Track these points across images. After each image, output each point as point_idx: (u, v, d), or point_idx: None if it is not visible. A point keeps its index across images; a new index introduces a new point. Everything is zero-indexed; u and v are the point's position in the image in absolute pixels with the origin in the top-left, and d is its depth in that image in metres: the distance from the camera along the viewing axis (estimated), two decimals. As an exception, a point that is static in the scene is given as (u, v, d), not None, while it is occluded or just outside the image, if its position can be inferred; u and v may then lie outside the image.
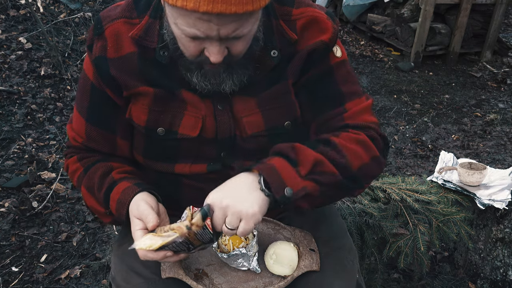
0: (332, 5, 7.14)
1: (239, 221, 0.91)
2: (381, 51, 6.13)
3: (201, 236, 0.91)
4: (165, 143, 1.09)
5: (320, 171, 0.97)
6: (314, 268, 1.07)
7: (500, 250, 1.94)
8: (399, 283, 2.12)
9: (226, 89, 1.00)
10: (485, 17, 5.87)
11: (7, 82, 3.96)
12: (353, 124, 1.06)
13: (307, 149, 0.98)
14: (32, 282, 2.21)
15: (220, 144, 1.10)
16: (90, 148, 1.15)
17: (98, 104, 1.11)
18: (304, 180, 0.95)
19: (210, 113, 1.07)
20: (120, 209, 1.04)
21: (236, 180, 0.96)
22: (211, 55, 0.90)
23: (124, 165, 1.15)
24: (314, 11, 1.06)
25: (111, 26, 1.03)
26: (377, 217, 1.79)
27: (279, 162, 0.95)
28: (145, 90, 1.04)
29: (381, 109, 4.51)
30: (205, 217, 0.89)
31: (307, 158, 0.96)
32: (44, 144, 3.41)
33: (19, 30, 4.51)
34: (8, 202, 2.69)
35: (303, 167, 0.95)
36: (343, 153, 0.99)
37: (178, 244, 0.90)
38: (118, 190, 1.05)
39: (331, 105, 1.08)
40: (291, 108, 1.09)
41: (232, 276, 1.06)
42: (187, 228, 0.88)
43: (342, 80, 1.09)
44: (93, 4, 5.14)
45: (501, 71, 5.52)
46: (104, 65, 1.04)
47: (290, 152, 0.97)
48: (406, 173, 3.38)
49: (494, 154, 3.71)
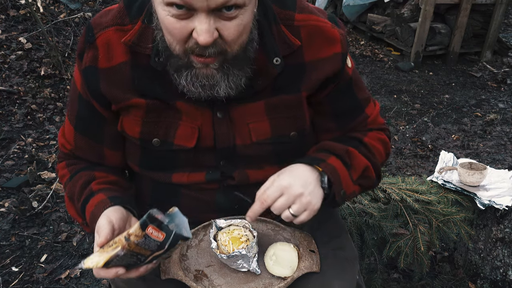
0: (332, 5, 7.14)
1: (303, 210, 0.95)
2: (381, 51, 6.13)
3: (145, 245, 0.85)
4: (161, 154, 1.07)
5: (366, 175, 1.08)
6: (314, 269, 1.07)
7: (500, 250, 1.94)
8: (399, 283, 2.12)
9: (221, 93, 0.92)
10: (485, 17, 5.86)
11: (7, 82, 3.96)
12: (375, 127, 1.17)
13: (359, 155, 1.06)
14: (32, 282, 2.21)
15: (219, 153, 1.08)
16: (77, 156, 1.14)
17: (84, 114, 1.08)
18: (354, 185, 1.05)
19: (208, 122, 1.03)
20: (92, 223, 1.00)
21: (303, 171, 0.99)
22: (200, 34, 0.80)
23: (108, 175, 1.11)
24: (318, 19, 1.02)
25: (103, 34, 0.98)
26: (377, 217, 1.78)
27: (338, 164, 1.02)
28: (137, 102, 1.00)
29: (381, 109, 4.51)
30: (145, 226, 0.82)
31: (359, 165, 1.05)
32: (44, 144, 3.41)
33: (19, 30, 4.50)
34: (8, 202, 2.69)
35: (355, 172, 1.05)
36: (374, 154, 1.10)
37: (122, 257, 0.85)
38: (93, 202, 1.02)
39: (354, 115, 1.14)
40: (300, 120, 1.07)
41: (232, 277, 1.06)
42: (126, 239, 0.83)
43: (358, 89, 1.13)
44: (93, 4, 5.13)
45: (501, 71, 5.52)
46: (93, 77, 1.00)
47: (345, 156, 1.04)
48: (406, 173, 3.38)
49: (494, 154, 3.71)
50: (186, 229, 0.90)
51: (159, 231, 0.84)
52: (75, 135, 1.10)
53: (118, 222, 0.95)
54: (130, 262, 0.88)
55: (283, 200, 0.95)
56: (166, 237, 0.85)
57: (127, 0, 1.00)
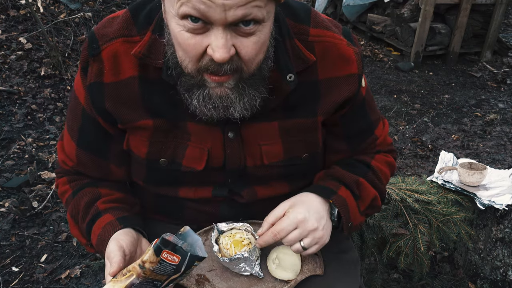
0: (332, 5, 7.13)
1: (314, 244, 0.97)
2: (381, 51, 6.13)
3: (161, 270, 0.83)
4: (168, 172, 1.02)
5: (373, 205, 1.09)
6: (317, 272, 1.06)
7: (500, 250, 1.94)
8: (399, 283, 2.12)
9: (235, 115, 0.86)
10: (485, 17, 5.87)
11: (7, 82, 3.96)
12: (383, 150, 1.17)
13: (368, 186, 1.07)
14: (32, 282, 2.21)
15: (228, 173, 1.04)
16: (80, 172, 1.09)
17: (89, 129, 1.02)
18: (361, 216, 1.06)
19: (218, 144, 0.99)
20: (99, 246, 0.97)
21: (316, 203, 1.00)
22: (215, 50, 0.75)
23: (114, 192, 1.07)
24: (333, 36, 0.97)
25: (109, 46, 0.92)
26: (377, 217, 1.79)
27: (348, 196, 1.03)
28: (144, 124, 0.95)
29: (381, 109, 4.51)
30: (160, 251, 0.80)
31: (367, 196, 1.07)
32: (44, 144, 3.41)
33: (19, 30, 4.50)
34: (8, 202, 2.69)
35: (362, 203, 1.06)
36: (381, 178, 1.11)
37: (138, 285, 0.83)
38: (100, 224, 0.98)
39: (365, 137, 1.13)
40: (314, 143, 1.05)
41: (234, 281, 1.04)
42: (140, 267, 0.81)
43: (370, 109, 1.11)
44: (93, 4, 5.13)
45: (501, 71, 5.52)
46: (98, 94, 0.94)
47: (354, 187, 1.05)
48: (406, 173, 3.38)
49: (494, 154, 3.71)
50: (201, 248, 0.89)
51: (173, 254, 0.82)
52: (78, 151, 1.05)
53: (129, 247, 0.92)
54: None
55: (297, 233, 0.95)
56: (182, 259, 0.84)
57: (133, 9, 0.94)
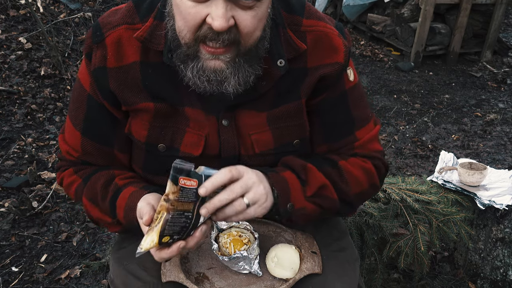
0: (332, 5, 7.13)
1: (254, 204, 0.90)
2: (381, 51, 6.13)
3: (185, 197, 0.84)
4: (166, 159, 1.03)
5: (323, 195, 1.03)
6: (316, 271, 1.06)
7: (500, 250, 1.94)
8: (399, 283, 2.12)
9: (229, 89, 0.90)
10: (485, 17, 5.87)
11: (7, 82, 3.95)
12: (362, 153, 1.10)
13: (317, 172, 1.02)
14: (32, 282, 2.21)
15: (224, 161, 1.04)
16: (86, 161, 1.11)
17: (95, 116, 1.05)
18: (306, 201, 1.01)
19: (214, 131, 1.02)
20: (128, 215, 0.99)
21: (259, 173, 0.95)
22: (215, 19, 0.78)
23: (126, 172, 1.10)
24: (325, 26, 1.01)
25: (113, 33, 0.97)
26: (377, 217, 1.78)
27: (291, 178, 1.00)
28: (146, 106, 0.99)
29: (381, 109, 4.51)
30: (176, 180, 0.82)
31: (315, 181, 1.01)
32: (44, 144, 3.41)
33: (19, 30, 4.50)
34: (8, 202, 2.69)
35: (309, 188, 1.01)
36: (346, 180, 1.05)
37: (172, 220, 0.83)
38: (124, 196, 1.01)
39: (342, 133, 1.10)
40: (302, 127, 1.06)
41: (234, 280, 1.05)
42: (166, 201, 0.82)
43: (354, 105, 1.09)
44: (93, 4, 5.13)
45: (501, 71, 5.52)
46: (103, 78, 0.98)
47: (301, 172, 1.01)
48: (406, 173, 3.38)
49: (494, 154, 3.71)
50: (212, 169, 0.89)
51: (190, 179, 0.84)
52: (83, 140, 1.07)
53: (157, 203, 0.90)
54: (181, 224, 0.86)
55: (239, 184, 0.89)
56: (199, 183, 0.85)
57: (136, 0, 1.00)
